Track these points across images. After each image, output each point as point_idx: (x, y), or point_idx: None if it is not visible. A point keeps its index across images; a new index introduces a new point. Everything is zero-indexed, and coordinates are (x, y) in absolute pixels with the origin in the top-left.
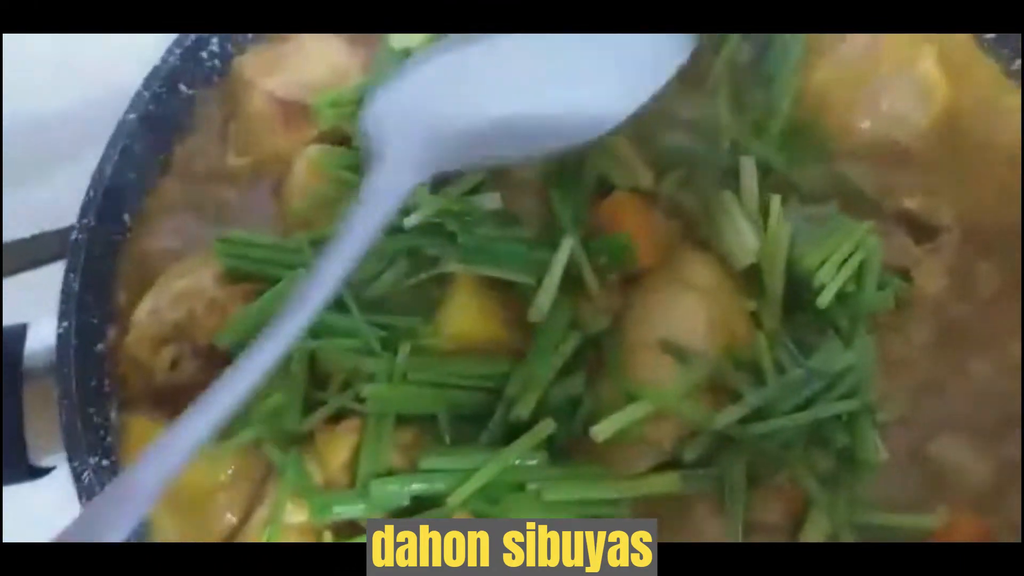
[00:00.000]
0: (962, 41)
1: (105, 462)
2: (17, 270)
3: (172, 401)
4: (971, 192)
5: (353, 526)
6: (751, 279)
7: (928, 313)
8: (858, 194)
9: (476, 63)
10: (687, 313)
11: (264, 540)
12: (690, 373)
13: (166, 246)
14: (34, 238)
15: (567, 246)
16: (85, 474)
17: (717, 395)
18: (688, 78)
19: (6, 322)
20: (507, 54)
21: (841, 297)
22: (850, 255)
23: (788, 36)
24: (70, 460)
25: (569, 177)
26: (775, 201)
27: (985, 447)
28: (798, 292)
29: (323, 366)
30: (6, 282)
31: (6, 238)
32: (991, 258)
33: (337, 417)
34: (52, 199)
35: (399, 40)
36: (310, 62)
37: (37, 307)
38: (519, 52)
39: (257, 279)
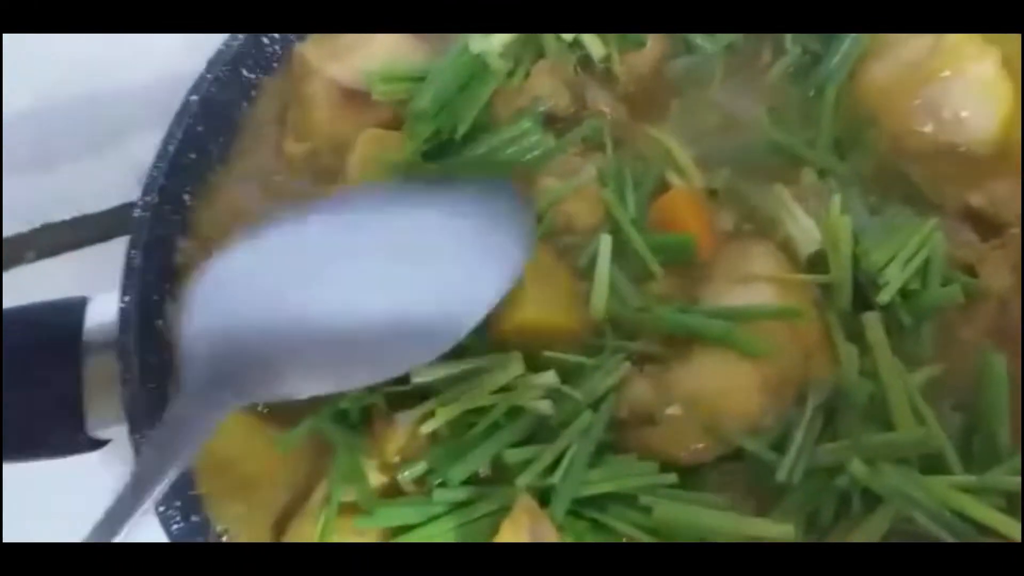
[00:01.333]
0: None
1: None
2: (56, 251)
3: None
4: None
5: None
6: (815, 270)
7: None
8: (920, 192)
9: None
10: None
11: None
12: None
13: (224, 226)
14: (75, 220)
15: (607, 244)
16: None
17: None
18: (745, 78)
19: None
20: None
21: (905, 294)
22: (916, 252)
23: (846, 37)
24: (131, 432)
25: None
26: (835, 195)
27: None
28: (863, 289)
29: None
30: (51, 261)
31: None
32: None
33: (394, 405)
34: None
35: (478, 43)
36: (373, 50)
37: (86, 287)
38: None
39: None
